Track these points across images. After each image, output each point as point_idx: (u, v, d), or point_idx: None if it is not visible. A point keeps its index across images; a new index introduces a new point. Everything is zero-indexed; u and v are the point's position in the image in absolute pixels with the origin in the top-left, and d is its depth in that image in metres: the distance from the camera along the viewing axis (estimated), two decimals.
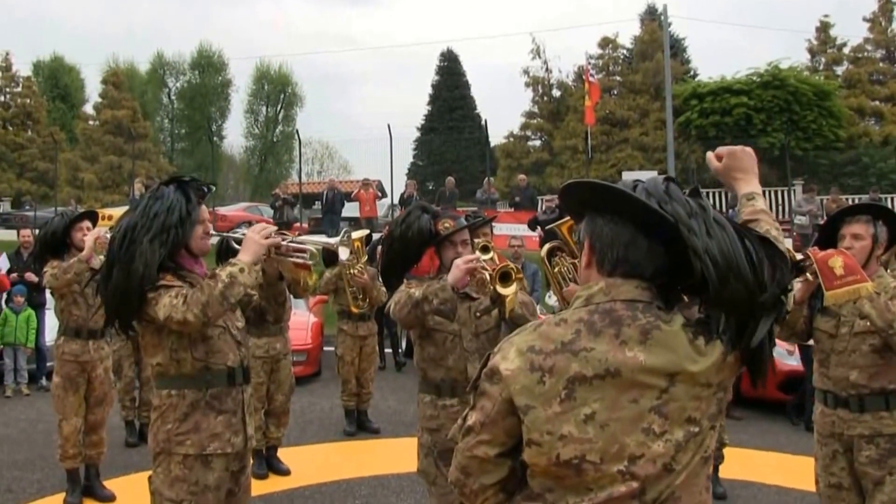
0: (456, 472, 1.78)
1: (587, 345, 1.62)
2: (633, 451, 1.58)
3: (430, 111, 38.20)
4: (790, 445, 6.88)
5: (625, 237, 1.68)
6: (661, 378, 1.59)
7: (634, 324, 1.62)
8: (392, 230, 4.05)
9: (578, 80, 29.09)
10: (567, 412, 1.59)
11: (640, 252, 1.67)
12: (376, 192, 19.71)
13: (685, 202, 1.65)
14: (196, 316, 2.84)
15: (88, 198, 28.21)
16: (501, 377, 1.65)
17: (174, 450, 2.97)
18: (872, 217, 3.51)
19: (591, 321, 1.64)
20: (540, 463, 1.62)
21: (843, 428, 3.46)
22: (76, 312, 5.28)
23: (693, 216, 1.62)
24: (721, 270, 1.58)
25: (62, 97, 39.51)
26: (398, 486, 5.73)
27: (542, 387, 1.61)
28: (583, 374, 1.60)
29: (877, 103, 29.59)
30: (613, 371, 1.59)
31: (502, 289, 3.52)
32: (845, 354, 3.45)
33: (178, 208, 2.98)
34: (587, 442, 1.58)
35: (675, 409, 1.59)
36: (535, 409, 1.61)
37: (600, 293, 1.67)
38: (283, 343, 6.06)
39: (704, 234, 1.60)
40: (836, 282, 3.21)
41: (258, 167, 42.65)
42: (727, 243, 1.60)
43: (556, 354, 1.62)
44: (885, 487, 3.35)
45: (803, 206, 17.57)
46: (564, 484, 1.61)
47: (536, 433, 1.61)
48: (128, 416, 7.07)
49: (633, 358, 1.60)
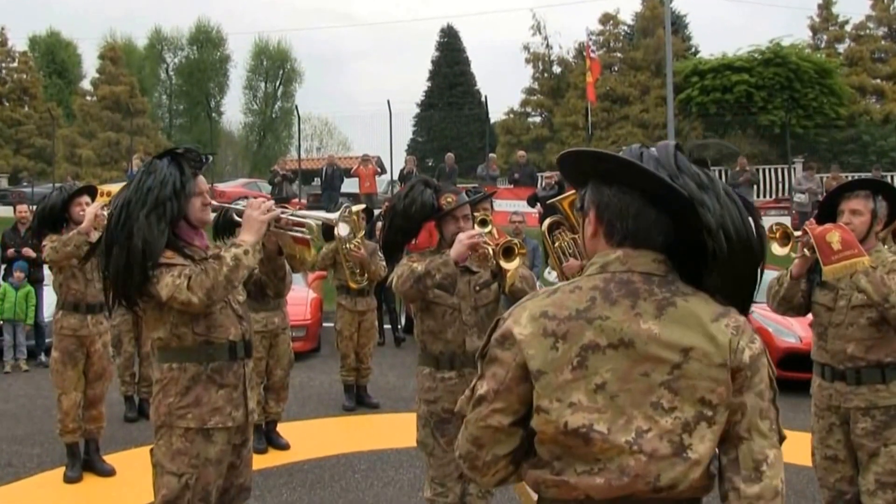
0: (467, 445, 1.70)
1: (602, 313, 1.59)
2: (641, 424, 1.56)
3: (429, 87, 37.99)
4: (786, 421, 6.86)
5: (633, 208, 1.64)
6: (674, 353, 1.57)
7: (651, 298, 1.59)
8: (395, 204, 4.04)
9: (579, 57, 28.95)
10: (578, 380, 1.57)
11: (648, 223, 1.63)
12: (376, 168, 19.67)
13: (695, 174, 1.61)
14: (200, 299, 2.85)
15: (86, 174, 28.07)
16: (515, 341, 1.61)
17: (175, 423, 2.98)
18: (872, 192, 3.51)
19: (608, 290, 1.61)
20: (548, 430, 1.59)
21: (839, 401, 3.49)
22: (74, 287, 5.27)
23: (704, 189, 1.59)
24: (733, 245, 1.56)
25: (59, 73, 39.24)
26: (397, 460, 5.75)
27: (555, 353, 1.58)
28: (596, 343, 1.57)
29: (878, 81, 29.46)
30: (627, 341, 1.57)
31: (506, 263, 3.54)
32: (843, 328, 3.47)
33: (172, 181, 2.95)
34: (596, 411, 1.56)
35: (686, 387, 1.56)
36: (547, 374, 1.58)
37: (617, 262, 1.64)
38: (281, 318, 6.05)
39: (717, 208, 1.57)
40: (833, 256, 3.23)
41: (257, 143, 42.51)
42: (737, 217, 1.58)
43: (571, 321, 1.59)
44: (879, 459, 3.40)
45: (803, 184, 17.56)
46: (572, 453, 1.59)
47: (546, 400, 1.58)
48: (127, 392, 7.08)
49: (648, 330, 1.57)
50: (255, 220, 3.01)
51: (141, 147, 26.69)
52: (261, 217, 3.01)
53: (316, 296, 10.84)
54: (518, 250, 3.57)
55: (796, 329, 8.16)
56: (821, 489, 3.68)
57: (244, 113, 43.13)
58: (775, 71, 26.20)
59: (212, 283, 2.85)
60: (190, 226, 3.09)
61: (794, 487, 5.22)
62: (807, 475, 5.26)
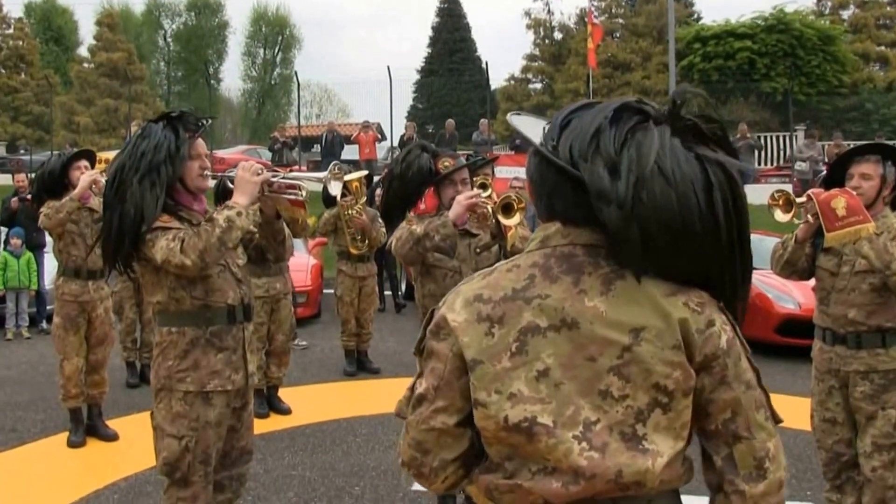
0: (410, 451, 1.51)
1: (542, 291, 1.40)
2: (588, 414, 1.37)
3: (430, 54, 37.71)
4: (785, 387, 6.94)
5: (548, 184, 1.46)
6: (623, 334, 1.37)
7: (596, 272, 1.40)
8: (392, 169, 4.04)
9: (580, 23, 28.72)
10: (518, 367, 1.39)
11: (566, 201, 1.43)
12: (376, 135, 19.62)
13: (611, 155, 1.36)
14: (193, 262, 2.83)
15: (84, 141, 27.89)
16: (450, 330, 1.43)
17: (175, 386, 2.98)
18: (882, 157, 3.49)
19: (548, 265, 1.42)
20: (489, 427, 1.41)
21: (839, 364, 3.51)
22: (75, 253, 5.27)
23: (617, 176, 1.35)
24: (649, 241, 1.34)
25: (55, 39, 38.89)
26: (398, 425, 5.69)
27: (491, 339, 1.40)
28: (536, 325, 1.39)
29: (882, 48, 29.21)
30: (570, 322, 1.38)
31: (505, 219, 3.53)
32: (845, 293, 3.47)
33: (167, 145, 2.92)
34: (539, 402, 1.38)
35: (638, 372, 1.37)
36: (483, 364, 1.40)
37: (558, 235, 1.45)
38: (283, 283, 6.07)
39: (629, 198, 1.33)
40: (837, 223, 3.22)
41: (256, 110, 42.24)
42: (669, 207, 1.33)
43: (507, 302, 1.41)
44: (876, 422, 3.42)
45: (804, 152, 17.49)
46: (518, 452, 1.40)
47: (483, 392, 1.40)
48: (129, 358, 7.12)
49: (594, 308, 1.38)
50: (247, 181, 2.98)
51: (139, 114, 26.57)
52: (252, 179, 2.99)
53: (316, 262, 10.86)
54: (517, 206, 3.56)
55: (795, 295, 8.17)
56: (818, 451, 3.71)
57: (243, 80, 42.80)
58: (778, 38, 25.96)
59: (204, 245, 2.83)
60: (188, 191, 3.07)
61: (792, 452, 5.27)
62: (804, 439, 5.30)
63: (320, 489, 4.62)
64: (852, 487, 3.60)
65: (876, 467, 3.42)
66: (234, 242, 2.93)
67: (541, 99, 30.44)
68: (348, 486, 4.68)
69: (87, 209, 5.26)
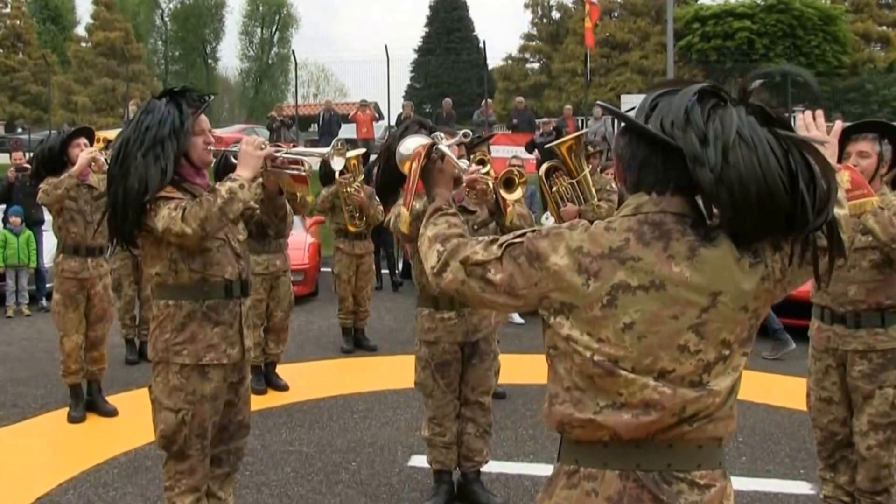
0: (450, 276, 1.77)
1: (635, 254, 1.60)
2: (665, 365, 1.59)
3: (427, 33, 37.51)
4: (780, 366, 7.00)
5: (638, 158, 1.67)
6: (703, 296, 1.59)
7: (683, 238, 1.61)
8: (389, 145, 4.04)
9: (578, 2, 28.54)
10: (607, 318, 1.60)
11: (656, 173, 1.65)
12: (373, 114, 19.58)
13: (701, 127, 1.57)
14: (194, 230, 2.85)
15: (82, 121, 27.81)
16: (549, 273, 1.64)
17: (171, 359, 3.01)
18: (879, 135, 3.47)
19: (641, 231, 1.62)
20: (576, 360, 1.63)
21: (838, 343, 3.49)
22: (74, 230, 5.29)
23: (707, 144, 1.55)
24: (737, 202, 1.53)
25: (52, 19, 38.69)
26: (395, 401, 5.84)
27: (586, 289, 1.61)
28: (627, 283, 1.60)
29: (884, 28, 29.06)
30: (658, 284, 1.59)
31: (507, 194, 3.54)
32: (844, 270, 3.43)
33: (171, 120, 2.95)
34: (622, 349, 1.60)
35: (712, 330, 1.60)
36: (578, 308, 1.62)
37: (650, 203, 1.65)
38: (282, 260, 6.09)
39: (720, 162, 1.53)
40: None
41: (253, 89, 42.12)
42: (752, 169, 1.53)
43: (603, 259, 1.61)
44: (873, 401, 3.41)
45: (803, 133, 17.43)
46: (596, 384, 1.62)
47: (577, 331, 1.62)
48: (128, 335, 7.16)
49: (679, 273, 1.59)
50: (251, 155, 3.00)
51: (137, 94, 26.47)
52: (256, 153, 3.01)
53: (314, 240, 10.88)
54: (518, 180, 3.56)
55: None
56: (813, 429, 3.70)
57: (240, 59, 42.69)
58: (778, 18, 25.86)
59: (205, 214, 2.86)
60: (192, 165, 3.09)
61: (786, 430, 5.32)
62: (798, 418, 5.37)
63: (317, 465, 4.67)
64: (846, 466, 3.61)
65: (871, 446, 3.42)
66: (234, 214, 2.95)
67: (538, 79, 30.38)
68: (345, 461, 4.72)
69: (87, 186, 5.28)
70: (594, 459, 1.65)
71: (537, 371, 6.84)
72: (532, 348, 7.58)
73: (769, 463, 4.79)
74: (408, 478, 4.49)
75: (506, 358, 6.19)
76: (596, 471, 1.64)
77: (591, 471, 1.65)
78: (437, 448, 4.00)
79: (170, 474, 3.06)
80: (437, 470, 4.06)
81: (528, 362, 6.81)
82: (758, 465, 4.75)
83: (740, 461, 4.80)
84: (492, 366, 4.06)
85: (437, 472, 4.08)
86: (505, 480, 4.41)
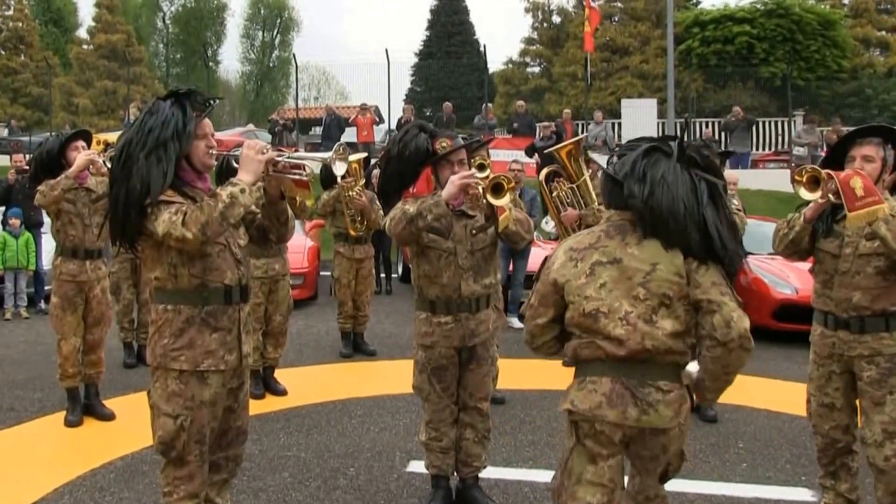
0: (527, 336, 2.85)
1: (604, 244, 2.67)
2: (627, 308, 2.57)
3: (428, 37, 37.41)
4: (780, 372, 6.98)
5: (607, 189, 2.76)
6: (646, 265, 2.59)
7: (634, 234, 2.66)
8: (389, 148, 4.03)
9: (579, 6, 28.47)
10: (590, 283, 2.62)
11: (617, 198, 2.69)
12: (374, 118, 19.58)
13: (638, 173, 2.61)
14: (195, 235, 2.82)
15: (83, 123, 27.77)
16: (549, 269, 2.71)
17: (170, 365, 2.99)
18: (882, 140, 3.46)
19: (608, 231, 2.70)
20: (574, 316, 2.65)
21: (843, 349, 3.46)
22: (72, 233, 5.27)
23: (641, 183, 2.59)
24: (656, 221, 2.57)
25: (55, 21, 38.64)
26: (393, 406, 5.82)
27: (576, 268, 2.66)
28: (600, 260, 2.64)
29: (883, 33, 29.03)
30: (618, 259, 2.63)
31: (494, 199, 3.51)
32: (849, 276, 3.42)
33: (174, 122, 2.92)
34: (600, 300, 2.60)
35: (654, 286, 2.57)
36: (570, 281, 2.65)
37: (615, 215, 2.73)
38: (281, 264, 6.08)
39: (646, 196, 2.56)
40: (857, 202, 3.15)
41: (254, 93, 42.10)
42: (669, 201, 2.55)
43: (585, 250, 2.68)
44: (885, 407, 3.36)
45: (803, 138, 17.47)
46: (588, 327, 2.61)
47: (572, 295, 2.65)
48: (126, 338, 7.15)
49: (631, 252, 2.63)
50: (252, 159, 2.97)
51: (138, 96, 26.48)
52: (257, 157, 2.98)
53: (314, 244, 10.86)
54: (507, 185, 3.54)
55: (792, 280, 8.19)
56: (814, 436, 3.67)
57: (241, 62, 42.64)
58: (777, 22, 25.82)
59: (206, 219, 2.83)
60: (194, 169, 3.07)
61: (787, 436, 5.30)
62: (799, 424, 5.35)
63: (315, 470, 4.65)
64: (846, 473, 3.58)
65: (889, 456, 3.33)
66: (235, 218, 2.92)
67: (539, 83, 30.32)
68: (343, 466, 4.70)
69: (85, 189, 5.27)
70: (595, 371, 2.62)
71: (537, 376, 6.87)
72: (532, 354, 7.56)
73: (770, 469, 4.76)
74: (406, 483, 4.47)
75: (506, 363, 6.20)
76: (596, 378, 2.61)
77: (593, 378, 2.62)
78: (435, 452, 3.98)
79: (168, 480, 3.04)
80: (435, 475, 4.04)
81: (528, 368, 6.79)
82: (758, 471, 4.73)
83: (741, 467, 4.77)
84: (489, 371, 4.04)
85: (434, 476, 4.05)
86: (504, 486, 4.38)
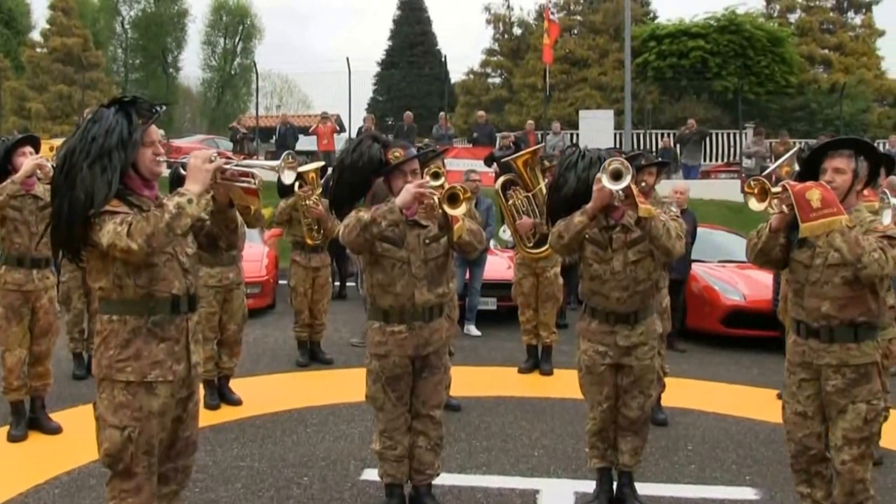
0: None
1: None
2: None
3: (390, 46, 37.49)
4: (728, 376, 7.12)
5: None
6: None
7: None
8: (342, 159, 4.03)
9: (539, 18, 28.78)
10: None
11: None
12: (335, 126, 19.54)
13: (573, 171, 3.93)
14: (140, 246, 2.78)
15: (36, 128, 27.20)
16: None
17: (116, 377, 2.94)
18: (854, 152, 3.52)
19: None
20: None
21: (812, 357, 3.52)
22: (17, 241, 5.14)
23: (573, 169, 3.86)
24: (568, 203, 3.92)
25: (6, 22, 37.80)
26: (349, 415, 5.80)
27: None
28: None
29: (826, 51, 29.98)
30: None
31: (451, 209, 3.54)
32: (818, 286, 3.48)
33: (119, 130, 2.87)
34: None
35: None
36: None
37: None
38: (236, 273, 6.02)
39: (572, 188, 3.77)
40: (811, 214, 3.22)
41: (215, 100, 41.67)
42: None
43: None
44: (847, 416, 3.45)
45: (751, 149, 17.93)
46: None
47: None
48: (76, 349, 6.97)
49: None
50: (199, 169, 2.94)
51: (94, 101, 26.05)
52: (204, 166, 2.94)
53: (272, 252, 10.79)
54: (463, 196, 3.56)
55: (741, 287, 8.37)
56: (787, 442, 3.73)
57: (202, 69, 42.18)
58: (730, 38, 26.50)
59: (152, 230, 2.79)
60: (140, 177, 3.02)
61: (734, 438, 5.40)
62: (745, 426, 5.48)
63: (268, 480, 4.61)
64: (821, 481, 3.63)
65: (846, 461, 3.45)
66: (182, 229, 2.88)
67: (499, 93, 30.55)
68: (297, 476, 4.67)
69: (32, 196, 5.14)
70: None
71: (493, 383, 6.91)
72: (489, 361, 7.61)
73: (717, 470, 4.87)
74: (360, 492, 4.45)
75: (462, 370, 6.22)
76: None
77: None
78: (389, 461, 3.98)
79: (114, 493, 2.98)
80: (389, 483, 4.04)
81: (484, 375, 6.82)
82: (706, 472, 4.83)
83: (689, 468, 4.87)
84: (443, 379, 4.06)
85: (388, 485, 4.05)
86: (457, 493, 4.40)
